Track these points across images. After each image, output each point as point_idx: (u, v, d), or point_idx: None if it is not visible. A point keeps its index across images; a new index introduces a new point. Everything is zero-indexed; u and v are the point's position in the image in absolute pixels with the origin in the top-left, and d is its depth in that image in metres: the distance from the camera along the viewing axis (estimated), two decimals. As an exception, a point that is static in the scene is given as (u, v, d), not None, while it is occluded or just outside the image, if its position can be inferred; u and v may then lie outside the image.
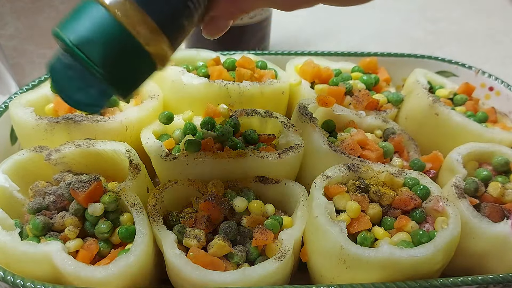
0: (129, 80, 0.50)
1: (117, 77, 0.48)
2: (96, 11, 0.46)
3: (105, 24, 0.46)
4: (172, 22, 0.48)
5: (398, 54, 0.97)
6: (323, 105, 0.76)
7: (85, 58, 0.45)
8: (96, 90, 0.49)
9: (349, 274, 0.58)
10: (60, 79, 0.49)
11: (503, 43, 1.42)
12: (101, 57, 0.46)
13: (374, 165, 0.68)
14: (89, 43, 0.45)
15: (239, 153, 0.66)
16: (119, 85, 0.49)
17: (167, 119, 0.74)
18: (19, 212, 0.65)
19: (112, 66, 0.47)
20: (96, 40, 0.45)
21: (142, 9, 0.46)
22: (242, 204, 0.63)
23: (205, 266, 0.56)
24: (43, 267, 0.57)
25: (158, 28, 0.47)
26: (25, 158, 0.67)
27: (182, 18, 0.49)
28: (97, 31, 0.45)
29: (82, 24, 0.46)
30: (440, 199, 0.63)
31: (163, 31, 0.48)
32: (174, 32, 0.49)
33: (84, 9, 0.47)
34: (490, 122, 0.84)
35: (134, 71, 0.49)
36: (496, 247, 0.64)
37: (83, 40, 0.45)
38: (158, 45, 0.48)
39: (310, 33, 1.43)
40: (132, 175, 0.66)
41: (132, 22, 0.46)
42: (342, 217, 0.60)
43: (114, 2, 0.46)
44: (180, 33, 0.50)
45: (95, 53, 0.45)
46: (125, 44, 0.46)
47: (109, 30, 0.46)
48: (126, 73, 0.49)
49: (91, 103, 0.51)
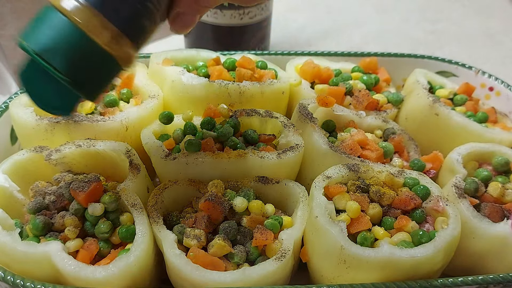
0: (95, 83, 0.51)
1: (83, 82, 0.49)
2: (56, 19, 0.47)
3: (65, 31, 0.46)
4: (132, 24, 0.49)
5: (398, 54, 0.97)
6: (323, 105, 0.76)
7: (48, 66, 0.46)
8: (64, 95, 0.50)
9: (349, 274, 0.58)
10: (30, 84, 0.51)
11: (503, 43, 1.42)
12: (65, 64, 0.46)
13: (374, 165, 0.68)
14: (52, 51, 0.46)
15: (239, 153, 0.66)
16: (86, 89, 0.50)
17: (167, 119, 0.74)
18: (19, 212, 0.65)
19: (77, 72, 0.48)
20: (58, 47, 0.46)
21: (101, 13, 0.47)
22: (242, 204, 0.63)
23: (205, 266, 0.56)
24: (43, 267, 0.57)
25: (119, 31, 0.48)
26: (25, 158, 0.67)
27: (142, 18, 0.49)
28: (58, 38, 0.46)
29: (43, 32, 0.47)
30: (440, 199, 0.63)
31: (124, 34, 0.48)
32: (136, 33, 0.50)
33: (44, 17, 0.47)
34: (490, 122, 0.84)
35: (99, 74, 0.50)
36: (496, 247, 0.64)
37: (45, 49, 0.46)
38: (121, 48, 0.49)
39: (310, 33, 1.43)
40: (132, 175, 0.66)
41: (92, 28, 0.46)
42: (342, 217, 0.60)
43: (72, 9, 0.46)
44: (142, 33, 0.51)
45: (58, 61, 0.46)
46: (88, 50, 0.47)
47: (70, 37, 0.46)
48: (91, 77, 0.50)
49: (61, 107, 0.52)
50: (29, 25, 0.48)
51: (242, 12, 1.05)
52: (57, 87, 0.49)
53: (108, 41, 0.47)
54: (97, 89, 0.52)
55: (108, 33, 0.47)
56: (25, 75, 0.50)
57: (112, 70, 0.51)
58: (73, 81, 0.47)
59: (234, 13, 1.05)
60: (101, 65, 0.49)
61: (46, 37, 0.46)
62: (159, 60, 0.83)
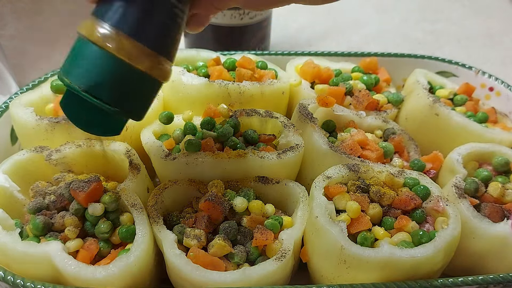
0: (142, 105, 0.52)
1: (131, 107, 0.50)
2: (94, 52, 0.47)
3: (107, 63, 0.47)
4: (166, 41, 0.50)
5: (398, 54, 0.97)
6: (323, 105, 0.76)
7: (96, 101, 0.47)
8: (111, 121, 0.52)
9: (350, 274, 0.58)
10: (75, 114, 0.52)
11: (503, 44, 1.42)
12: (112, 96, 0.48)
13: (374, 165, 0.68)
14: (98, 86, 0.47)
15: (239, 153, 0.66)
16: (134, 113, 0.52)
17: (167, 119, 0.74)
18: (19, 212, 0.65)
19: (123, 100, 0.49)
20: (103, 81, 0.47)
21: (136, 40, 0.47)
22: (242, 204, 0.63)
23: (205, 266, 0.56)
24: (43, 267, 0.57)
25: (156, 53, 0.48)
26: (26, 158, 0.67)
27: (174, 33, 0.50)
28: (101, 72, 0.47)
29: (84, 67, 0.47)
30: (440, 199, 0.63)
31: (161, 54, 0.49)
32: (170, 48, 0.51)
33: (81, 51, 0.48)
34: (490, 122, 0.84)
35: (143, 96, 0.52)
36: (496, 247, 0.64)
37: (92, 85, 0.47)
38: (159, 67, 0.49)
39: (310, 33, 1.43)
40: (132, 175, 0.66)
41: (132, 56, 0.47)
42: (342, 217, 0.60)
43: (107, 39, 0.46)
44: (175, 46, 0.51)
45: (105, 94, 0.47)
46: (131, 78, 0.48)
47: (112, 68, 0.47)
48: (136, 100, 0.51)
49: (110, 131, 0.54)
50: (68, 60, 0.49)
51: (242, 12, 1.05)
52: (102, 116, 0.50)
53: (149, 65, 0.48)
54: (144, 109, 0.53)
55: (147, 58, 0.48)
56: (69, 107, 0.51)
57: (154, 88, 0.52)
58: (122, 110, 0.49)
59: (234, 13, 1.05)
60: (144, 88, 0.50)
61: (89, 73, 0.47)
62: (159, 60, 0.83)
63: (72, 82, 0.47)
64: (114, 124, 0.53)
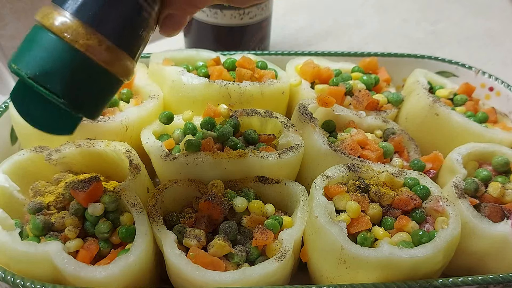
0: (95, 101, 0.48)
1: (82, 102, 0.46)
2: (47, 39, 0.44)
3: (59, 51, 0.43)
4: (129, 36, 0.47)
5: (398, 54, 0.97)
6: (323, 105, 0.76)
7: (44, 90, 0.44)
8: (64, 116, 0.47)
9: (350, 274, 0.58)
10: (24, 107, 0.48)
11: (503, 44, 1.42)
12: (61, 86, 0.44)
13: (374, 165, 0.68)
14: (46, 74, 0.43)
15: (239, 153, 0.66)
16: (86, 109, 0.47)
17: (167, 119, 0.74)
18: (19, 212, 0.65)
19: (75, 93, 0.45)
20: (53, 69, 0.43)
21: (95, 29, 0.44)
22: (242, 204, 0.63)
23: (205, 266, 0.56)
24: (43, 267, 0.57)
25: (115, 46, 0.45)
26: (25, 158, 0.67)
27: (139, 28, 0.47)
28: (52, 59, 0.43)
29: (35, 54, 0.44)
30: (440, 199, 0.63)
31: (121, 48, 0.46)
32: (133, 44, 0.47)
33: (35, 38, 0.45)
34: (490, 122, 0.84)
35: (99, 92, 0.48)
36: (496, 247, 0.64)
37: (40, 73, 0.43)
38: (120, 63, 0.46)
39: (310, 33, 1.43)
40: (132, 175, 0.66)
41: (87, 45, 0.43)
42: (342, 217, 0.60)
43: (64, 27, 0.43)
44: (140, 44, 0.48)
45: (54, 84, 0.43)
46: (84, 69, 0.45)
47: (64, 57, 0.44)
48: (90, 96, 0.47)
49: (61, 128, 0.49)
50: (20, 47, 0.45)
51: (242, 12, 1.06)
52: (55, 109, 0.46)
53: (105, 57, 0.45)
54: (97, 107, 0.48)
55: (104, 50, 0.44)
56: (19, 99, 0.47)
57: (111, 85, 0.48)
58: (71, 103, 0.45)
59: (234, 13, 1.05)
60: (99, 83, 0.46)
61: (39, 59, 0.43)
62: (159, 60, 0.83)
63: (20, 68, 0.44)
64: (65, 122, 0.48)
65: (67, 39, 0.43)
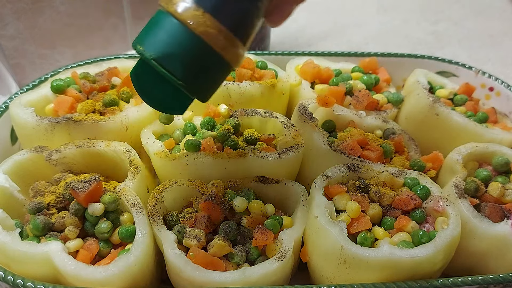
0: (209, 86, 0.51)
1: (197, 86, 0.49)
2: (171, 24, 0.47)
3: (182, 37, 0.47)
4: (245, 25, 0.49)
5: (398, 54, 0.97)
6: (323, 105, 0.76)
7: (166, 72, 0.47)
8: (178, 97, 0.51)
9: (350, 274, 0.58)
10: (143, 86, 0.52)
11: (503, 44, 1.42)
12: (182, 70, 0.47)
13: (374, 165, 0.68)
14: (169, 57, 0.47)
15: (239, 153, 0.66)
16: (200, 92, 0.51)
17: (167, 119, 0.74)
18: (19, 212, 0.65)
19: (192, 76, 0.48)
20: (175, 53, 0.47)
21: (216, 18, 0.46)
22: (242, 204, 0.63)
23: (205, 266, 0.56)
24: (43, 267, 0.57)
25: (233, 35, 0.48)
26: (26, 158, 0.67)
27: (253, 18, 0.49)
28: (175, 44, 0.47)
29: (159, 37, 0.47)
30: (440, 199, 0.63)
31: (237, 37, 0.49)
32: (247, 33, 0.50)
33: (159, 22, 0.48)
34: (490, 122, 0.84)
35: (212, 77, 0.51)
36: (496, 247, 0.64)
37: (162, 55, 0.47)
38: (234, 51, 0.49)
39: (310, 33, 1.43)
40: (132, 175, 0.66)
41: (208, 33, 0.46)
42: (342, 217, 0.60)
43: (188, 14, 0.46)
44: (253, 33, 0.51)
45: (175, 67, 0.47)
46: (203, 55, 0.48)
47: (186, 42, 0.47)
48: (205, 80, 0.50)
49: (174, 108, 0.53)
50: (144, 30, 0.49)
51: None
52: (171, 90, 0.50)
53: (223, 45, 0.47)
54: (210, 91, 0.52)
55: (222, 38, 0.47)
56: (138, 78, 0.51)
57: (224, 72, 0.51)
58: (189, 86, 0.48)
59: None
60: (215, 69, 0.50)
61: (162, 43, 0.47)
62: (159, 60, 0.83)
63: (145, 50, 0.47)
64: (179, 102, 0.52)
65: (190, 26, 0.46)
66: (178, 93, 0.50)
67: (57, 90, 0.75)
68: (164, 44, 0.47)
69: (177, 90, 0.49)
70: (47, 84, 0.77)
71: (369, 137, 0.75)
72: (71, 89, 0.74)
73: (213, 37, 0.47)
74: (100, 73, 0.79)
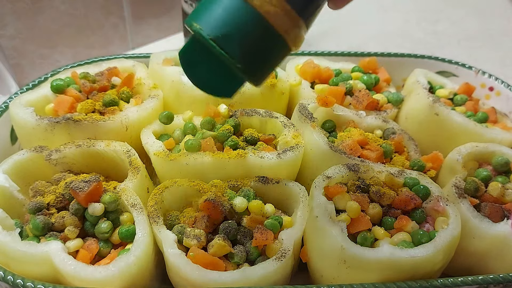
0: (265, 69, 0.48)
1: (254, 69, 0.46)
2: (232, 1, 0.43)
3: (244, 15, 0.43)
4: (310, 6, 0.46)
5: (398, 54, 0.97)
6: (323, 105, 0.76)
7: (224, 53, 0.43)
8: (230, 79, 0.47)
9: (350, 274, 0.58)
10: (191, 64, 0.48)
11: (503, 44, 1.42)
12: (240, 51, 0.43)
13: (374, 165, 0.68)
14: (228, 37, 0.43)
15: (239, 153, 0.66)
16: (256, 75, 0.47)
17: (167, 119, 0.74)
18: (19, 212, 0.65)
19: (251, 59, 0.45)
20: (234, 33, 0.43)
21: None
22: (242, 204, 0.63)
23: (205, 266, 0.56)
24: (43, 267, 0.57)
25: (297, 15, 0.45)
26: (25, 158, 0.67)
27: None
28: (235, 23, 0.43)
29: (218, 15, 0.43)
30: (440, 199, 0.63)
31: (303, 19, 0.45)
32: (313, 15, 0.47)
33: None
34: (490, 122, 0.84)
35: (271, 61, 0.47)
36: (496, 247, 0.64)
37: (222, 35, 0.43)
38: (296, 32, 0.46)
39: (310, 33, 1.42)
40: (132, 175, 0.66)
41: (273, 13, 0.43)
42: (342, 217, 0.60)
43: None
44: (316, 14, 0.48)
45: (234, 48, 0.43)
46: (265, 36, 0.44)
47: (248, 22, 0.43)
48: (263, 64, 0.46)
49: (224, 90, 0.49)
50: (200, 6, 0.45)
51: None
52: (223, 71, 0.46)
53: (285, 25, 0.44)
54: (265, 74, 0.48)
55: (287, 19, 0.44)
56: (188, 57, 0.47)
57: (283, 54, 0.47)
58: (246, 68, 0.44)
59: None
60: (275, 52, 0.46)
61: (222, 22, 0.43)
62: (159, 60, 0.83)
63: (202, 28, 0.43)
64: (230, 84, 0.48)
65: (253, 4, 0.43)
66: (231, 75, 0.46)
67: (57, 90, 0.75)
68: (223, 23, 0.43)
69: (229, 72, 0.45)
70: (47, 84, 0.77)
71: (369, 137, 0.75)
72: (71, 89, 0.74)
73: (277, 17, 0.43)
74: (100, 73, 0.79)
